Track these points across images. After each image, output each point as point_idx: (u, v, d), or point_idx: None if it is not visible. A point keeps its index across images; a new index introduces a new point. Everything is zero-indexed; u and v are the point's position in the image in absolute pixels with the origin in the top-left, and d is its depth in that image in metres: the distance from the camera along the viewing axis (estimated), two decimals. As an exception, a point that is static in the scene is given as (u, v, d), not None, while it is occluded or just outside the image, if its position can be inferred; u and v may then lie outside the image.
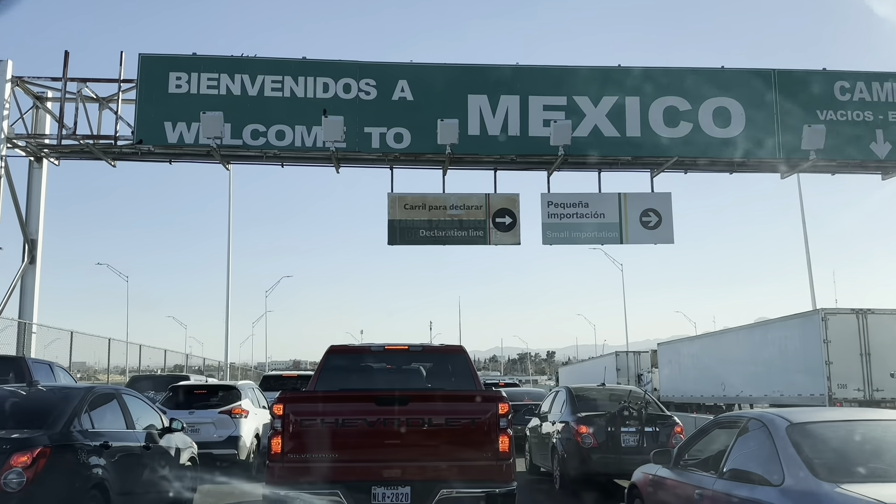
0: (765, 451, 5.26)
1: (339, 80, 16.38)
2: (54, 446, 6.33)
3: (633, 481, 7.66)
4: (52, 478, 6.20)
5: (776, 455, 5.08)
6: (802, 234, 34.65)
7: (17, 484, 5.95)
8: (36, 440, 6.23)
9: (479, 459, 6.78)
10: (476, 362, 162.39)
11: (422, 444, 6.79)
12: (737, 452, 5.71)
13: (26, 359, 12.35)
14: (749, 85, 16.97)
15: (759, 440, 5.44)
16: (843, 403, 20.91)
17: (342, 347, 8.44)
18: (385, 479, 6.68)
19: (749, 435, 5.69)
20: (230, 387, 13.75)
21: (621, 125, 16.50)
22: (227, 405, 12.87)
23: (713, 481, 5.73)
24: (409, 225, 16.54)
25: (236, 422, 12.60)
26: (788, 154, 16.63)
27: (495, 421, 6.85)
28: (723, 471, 5.69)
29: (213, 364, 41.29)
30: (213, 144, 15.46)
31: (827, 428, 5.40)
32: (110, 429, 7.44)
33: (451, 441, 6.82)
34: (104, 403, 7.66)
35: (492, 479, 6.76)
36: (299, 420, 6.76)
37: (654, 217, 16.72)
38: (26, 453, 6.06)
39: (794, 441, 5.05)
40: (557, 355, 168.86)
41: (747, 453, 5.60)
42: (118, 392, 8.29)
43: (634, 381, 37.37)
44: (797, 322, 23.89)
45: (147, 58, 16.38)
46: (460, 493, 6.67)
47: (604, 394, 13.16)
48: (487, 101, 16.44)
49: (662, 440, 11.06)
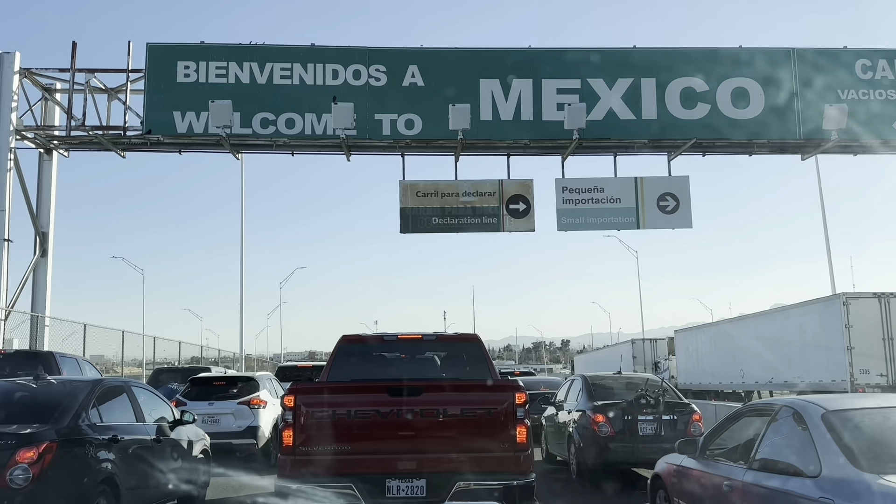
0: (799, 440, 5.02)
1: (349, 67, 16.14)
2: (61, 441, 6.17)
3: (657, 471, 7.44)
4: (60, 473, 6.05)
5: (812, 444, 4.82)
6: (821, 217, 34.15)
7: (22, 480, 5.79)
8: (42, 435, 6.07)
9: (496, 451, 6.56)
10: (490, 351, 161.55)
11: (437, 435, 6.58)
12: (768, 442, 5.45)
13: (55, 354, 12.32)
14: (768, 64, 16.56)
15: (793, 429, 5.19)
16: (865, 389, 20.56)
17: (354, 337, 8.23)
18: (399, 471, 6.48)
19: (781, 423, 5.42)
20: (248, 378, 13.85)
21: (637, 108, 16.15)
22: (245, 396, 13.04)
23: (743, 472, 5.49)
24: (421, 213, 16.31)
25: (255, 412, 12.77)
26: (809, 135, 16.23)
27: (512, 411, 6.62)
28: (753, 461, 5.44)
29: (229, 356, 41.41)
30: (222, 133, 15.28)
31: (864, 415, 5.09)
32: (119, 422, 7.29)
33: (467, 432, 6.60)
34: (113, 396, 7.53)
35: (509, 471, 6.53)
36: (311, 412, 6.55)
37: (672, 201, 16.38)
38: (32, 448, 5.92)
39: (831, 429, 4.77)
40: (572, 343, 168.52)
41: (780, 442, 5.36)
42: (127, 384, 8.17)
43: (651, 369, 37.09)
44: (818, 307, 23.48)
45: (155, 47, 16.21)
46: (477, 486, 6.44)
47: (620, 382, 13.05)
48: (500, 85, 16.14)
49: (680, 428, 10.95)
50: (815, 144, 16.46)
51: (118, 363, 24.12)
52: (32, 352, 13.10)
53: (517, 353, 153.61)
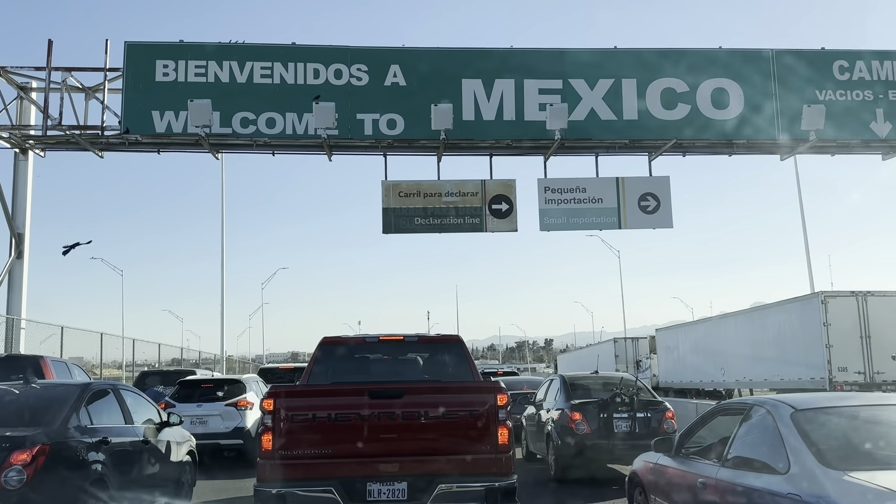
0: (769, 438, 5.14)
1: (330, 66, 16.04)
2: (53, 443, 6.35)
3: (634, 469, 7.54)
4: (52, 475, 6.24)
5: (781, 442, 4.95)
6: (800, 217, 34.52)
7: (17, 482, 5.99)
8: (35, 438, 6.25)
9: (478, 452, 6.56)
10: (474, 351, 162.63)
11: (418, 437, 6.57)
12: (740, 440, 5.58)
13: (46, 358, 12.50)
14: (747, 65, 16.70)
15: (764, 427, 5.31)
16: (843, 387, 20.79)
17: (335, 339, 8.15)
18: (381, 474, 6.46)
19: (753, 422, 5.56)
20: (236, 380, 14.33)
21: (618, 108, 16.21)
22: (233, 398, 13.51)
23: (717, 469, 5.61)
24: (404, 213, 16.26)
25: (242, 413, 13.23)
26: (788, 135, 16.38)
27: (494, 412, 6.63)
28: (726, 459, 5.56)
29: (210, 357, 41.06)
30: (201, 133, 15.12)
31: (833, 413, 5.25)
32: (108, 424, 7.45)
33: (449, 434, 6.60)
34: (102, 399, 7.68)
35: (491, 473, 6.53)
36: (291, 415, 6.50)
37: (653, 201, 16.47)
38: (26, 451, 6.11)
39: (800, 428, 4.92)
40: (555, 342, 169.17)
41: (751, 441, 5.48)
42: (115, 387, 8.29)
43: (633, 368, 37.26)
44: (797, 305, 23.72)
45: (133, 46, 16.01)
46: (459, 488, 6.44)
47: (597, 381, 13.38)
48: (482, 85, 16.13)
49: (654, 426, 11.27)
50: (793, 145, 16.61)
51: (97, 365, 23.83)
52: (21, 356, 13.24)
53: (501, 353, 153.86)
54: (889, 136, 16.48)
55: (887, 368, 21.69)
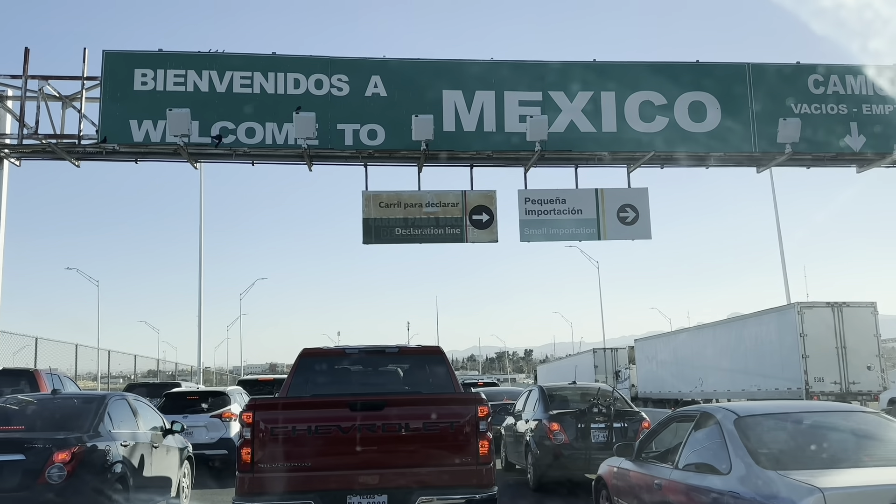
0: (715, 442, 5.68)
1: (311, 76, 16.01)
2: (87, 445, 7.31)
3: (599, 473, 8.09)
4: (86, 472, 7.14)
5: (725, 446, 5.49)
6: (776, 228, 34.99)
7: (58, 477, 6.89)
8: (72, 440, 7.22)
9: (459, 464, 6.56)
10: (454, 362, 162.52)
11: (399, 449, 6.57)
12: (691, 444, 6.13)
13: (40, 371, 13.34)
14: (724, 79, 16.90)
15: (710, 432, 5.87)
16: (819, 397, 21.04)
17: (315, 350, 8.15)
18: (361, 486, 6.44)
19: (702, 428, 6.08)
20: (220, 392, 14.78)
21: (597, 120, 16.33)
22: (217, 409, 13.86)
23: (670, 471, 6.16)
24: (384, 223, 16.24)
25: (226, 424, 13.53)
26: (764, 148, 16.58)
27: (474, 424, 6.65)
28: (678, 462, 6.11)
29: (186, 368, 40.59)
30: (180, 143, 15.00)
31: (772, 419, 5.81)
32: (125, 430, 8.39)
33: (430, 446, 6.60)
34: (119, 407, 8.63)
35: (472, 485, 6.54)
36: (270, 428, 6.48)
37: (632, 212, 16.59)
38: (65, 451, 7.03)
39: (741, 433, 5.46)
40: (535, 353, 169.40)
41: (700, 445, 6.02)
42: (128, 398, 9.28)
43: (612, 378, 37.41)
44: (773, 316, 24.00)
45: (111, 54, 15.86)
46: (440, 500, 6.48)
47: (575, 392, 13.52)
48: (462, 96, 16.17)
49: (630, 435, 11.37)
50: (769, 157, 16.82)
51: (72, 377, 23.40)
52: (17, 369, 13.86)
53: (481, 364, 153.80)
54: (863, 149, 16.74)
55: (862, 379, 22.00)
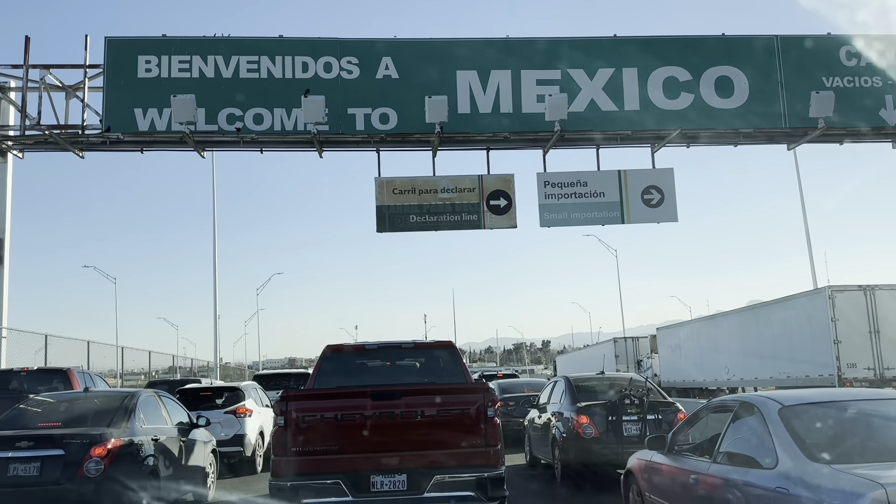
0: (757, 434, 5.33)
1: (319, 59, 15.44)
2: (122, 440, 7.63)
3: (629, 467, 7.73)
4: (121, 466, 7.48)
5: (769, 438, 5.11)
6: (801, 211, 34.04)
7: (96, 471, 7.23)
8: (108, 435, 7.52)
9: (470, 447, 7.23)
10: (471, 354, 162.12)
11: (415, 434, 7.25)
12: (730, 437, 5.75)
13: (73, 370, 13.54)
14: (751, 53, 16.16)
15: (752, 424, 5.50)
16: (853, 383, 20.31)
17: (338, 346, 8.79)
18: (382, 468, 7.10)
19: (742, 418, 5.72)
20: (234, 388, 14.41)
21: (619, 99, 15.64)
22: (231, 405, 13.60)
23: (707, 466, 5.77)
24: (398, 211, 15.67)
25: (241, 421, 13.34)
26: (795, 123, 15.84)
27: (483, 410, 7.31)
28: (717, 455, 5.73)
29: (204, 364, 40.40)
30: (185, 130, 14.49)
31: (819, 409, 5.41)
32: (155, 425, 8.72)
33: (443, 431, 7.27)
34: (148, 404, 8.92)
35: (482, 465, 7.20)
36: (301, 416, 7.19)
37: (657, 194, 15.90)
38: (102, 445, 7.35)
39: (787, 423, 5.08)
40: (553, 344, 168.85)
41: (740, 437, 5.66)
42: (157, 394, 9.60)
43: (634, 368, 36.76)
44: (803, 301, 23.22)
45: (114, 41, 15.39)
46: (453, 478, 7.09)
47: (603, 382, 12.79)
48: (477, 76, 15.54)
49: (665, 428, 10.66)
50: (801, 133, 16.07)
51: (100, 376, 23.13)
52: (52, 369, 14.29)
53: (498, 355, 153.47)
54: (900, 123, 15.95)
55: (898, 364, 21.18)
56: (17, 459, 7.19)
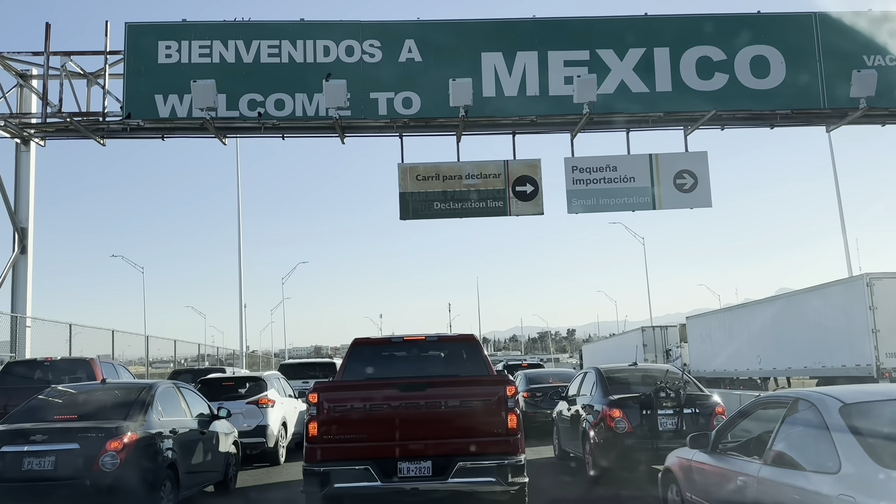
0: (815, 434, 4.87)
1: (341, 43, 15.12)
2: (138, 433, 7.48)
3: (667, 465, 7.43)
4: (138, 459, 7.34)
5: (830, 439, 4.64)
6: (836, 195, 33.09)
7: (111, 465, 7.06)
8: (125, 428, 7.37)
9: (491, 435, 7.56)
10: (496, 342, 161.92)
11: (440, 423, 7.59)
12: (783, 436, 5.28)
13: (96, 359, 13.50)
14: (788, 30, 15.52)
15: (809, 423, 5.03)
16: (892, 374, 19.66)
17: (365, 340, 9.20)
18: (409, 454, 7.46)
19: (797, 417, 5.26)
20: (257, 378, 14.17)
21: (650, 79, 15.11)
22: (254, 395, 13.39)
23: (758, 468, 5.32)
24: (422, 197, 15.33)
25: (263, 411, 13.13)
26: (835, 104, 15.20)
27: (504, 401, 7.64)
28: (768, 456, 5.28)
29: (231, 353, 40.57)
30: (206, 116, 14.27)
31: (885, 408, 4.91)
32: (174, 417, 8.55)
33: (466, 420, 7.63)
34: (167, 396, 8.78)
35: (503, 452, 7.52)
36: (332, 406, 7.59)
37: (690, 179, 15.37)
38: (118, 439, 7.19)
39: (850, 423, 4.62)
40: (578, 333, 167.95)
41: (796, 437, 5.21)
42: (177, 385, 9.51)
43: (662, 357, 36.17)
44: (839, 289, 22.50)
45: (134, 27, 15.20)
46: (475, 465, 7.42)
47: (636, 374, 12.30)
48: (503, 58, 15.11)
49: (702, 423, 10.26)
50: (841, 114, 15.42)
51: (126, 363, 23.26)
52: (74, 359, 14.28)
53: (523, 344, 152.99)
54: (946, 103, 15.22)
55: (940, 354, 20.46)
56: (32, 453, 7.03)
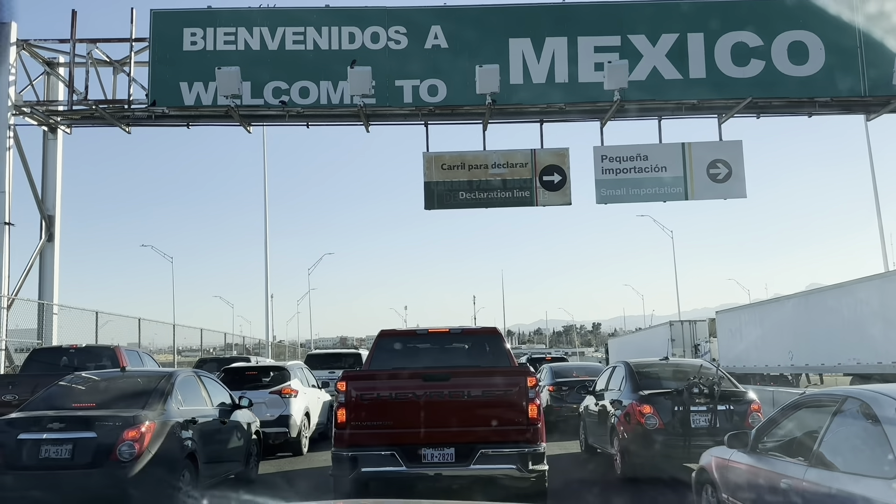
0: (869, 436, 4.54)
1: (367, 29, 14.91)
2: (157, 422, 7.36)
3: (702, 465, 7.14)
4: (156, 448, 7.22)
5: (885, 441, 4.32)
6: (872, 187, 32.16)
7: (129, 455, 6.95)
8: (143, 417, 7.25)
9: (512, 424, 7.82)
10: (521, 335, 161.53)
11: (463, 412, 7.83)
12: (832, 437, 4.96)
13: (121, 347, 13.60)
14: (828, 15, 14.95)
15: (861, 423, 4.69)
16: (931, 371, 19.03)
17: (391, 332, 9.43)
18: (433, 441, 7.72)
19: (847, 416, 4.92)
20: (280, 367, 14.14)
21: (683, 66, 14.68)
22: (277, 385, 13.34)
23: (804, 470, 4.99)
24: (447, 187, 15.09)
25: (286, 401, 13.06)
26: (876, 91, 14.64)
27: (525, 392, 7.89)
28: (814, 458, 4.96)
29: (258, 342, 40.80)
30: (231, 104, 14.15)
31: None
32: (194, 406, 8.45)
33: (488, 409, 7.86)
34: (187, 384, 8.67)
35: (523, 441, 7.79)
36: (360, 395, 7.86)
37: (724, 168, 14.92)
38: (136, 428, 7.07)
39: None
40: (604, 326, 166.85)
41: (846, 438, 4.92)
42: (197, 374, 9.44)
43: (691, 352, 35.59)
44: (876, 283, 21.84)
45: (159, 14, 15.15)
46: (496, 452, 7.69)
47: (667, 369, 11.85)
48: (531, 44, 14.78)
49: (737, 420, 9.90)
50: (882, 102, 14.87)
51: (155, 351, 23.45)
52: (99, 346, 14.24)
53: (547, 337, 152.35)
54: None
55: (982, 351, 19.77)
56: (49, 441, 6.92)
